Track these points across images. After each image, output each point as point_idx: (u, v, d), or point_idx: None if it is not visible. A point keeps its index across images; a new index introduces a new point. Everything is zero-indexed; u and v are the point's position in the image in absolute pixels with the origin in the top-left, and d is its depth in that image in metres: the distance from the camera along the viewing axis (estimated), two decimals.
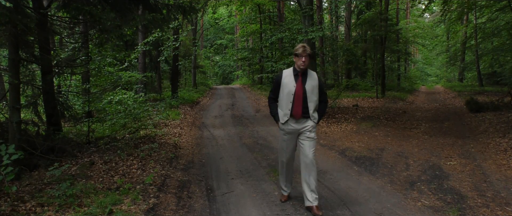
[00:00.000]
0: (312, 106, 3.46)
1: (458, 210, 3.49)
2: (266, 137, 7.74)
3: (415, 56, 37.15)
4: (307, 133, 3.50)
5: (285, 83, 3.50)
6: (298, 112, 3.44)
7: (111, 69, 8.32)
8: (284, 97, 3.49)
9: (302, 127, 3.49)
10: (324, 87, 3.64)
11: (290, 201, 3.81)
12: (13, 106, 4.78)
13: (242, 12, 24.98)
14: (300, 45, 3.45)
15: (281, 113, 3.55)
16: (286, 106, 3.48)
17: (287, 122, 3.50)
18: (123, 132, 7.40)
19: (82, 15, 6.22)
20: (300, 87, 3.43)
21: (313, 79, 3.49)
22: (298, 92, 3.42)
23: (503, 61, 19.33)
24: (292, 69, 3.54)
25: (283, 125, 3.54)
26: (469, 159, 5.40)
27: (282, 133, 3.61)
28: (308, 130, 3.49)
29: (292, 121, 3.48)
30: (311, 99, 3.45)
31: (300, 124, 3.49)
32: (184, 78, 23.50)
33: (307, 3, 11.02)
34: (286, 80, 3.50)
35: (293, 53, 3.47)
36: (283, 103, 3.51)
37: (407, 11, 29.66)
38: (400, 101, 14.32)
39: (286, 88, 3.47)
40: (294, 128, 3.51)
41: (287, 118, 3.48)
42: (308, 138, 3.50)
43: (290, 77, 3.49)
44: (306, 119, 3.48)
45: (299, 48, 3.41)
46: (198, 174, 5.02)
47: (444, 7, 14.56)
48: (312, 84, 3.46)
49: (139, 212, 3.48)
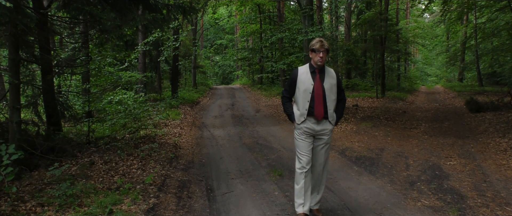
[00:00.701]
0: (332, 106, 3.21)
1: (458, 210, 3.49)
2: (266, 137, 7.74)
3: (415, 56, 37.14)
4: (324, 138, 3.24)
5: (301, 81, 3.21)
6: (320, 112, 3.15)
7: (111, 69, 8.32)
8: (300, 96, 3.21)
9: (321, 130, 3.22)
10: (342, 85, 3.39)
11: (290, 201, 3.81)
12: (13, 106, 4.78)
13: (242, 12, 24.98)
14: (317, 39, 3.16)
15: (298, 113, 3.26)
16: (303, 105, 3.19)
17: (305, 122, 3.21)
18: (123, 132, 7.40)
19: (82, 15, 6.22)
20: (319, 85, 3.15)
21: (331, 77, 3.23)
22: (317, 90, 3.15)
23: (503, 61, 19.34)
24: (308, 65, 3.26)
25: (300, 125, 3.24)
26: (469, 159, 5.40)
27: (298, 133, 3.28)
28: (326, 134, 3.23)
29: (311, 121, 3.19)
30: (330, 98, 3.18)
31: (320, 126, 3.21)
32: (184, 78, 23.50)
33: (307, 3, 11.02)
34: (302, 77, 3.22)
35: (309, 48, 3.21)
36: (300, 102, 3.22)
37: (407, 11, 29.66)
38: (400, 101, 14.33)
39: (303, 86, 3.19)
40: (313, 129, 3.21)
41: (304, 118, 3.20)
42: (324, 144, 3.25)
43: (306, 74, 3.21)
44: (325, 120, 3.21)
45: (316, 43, 3.13)
46: (198, 174, 5.02)
47: (444, 7, 14.57)
48: (331, 82, 3.20)
49: (139, 212, 3.48)
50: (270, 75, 22.72)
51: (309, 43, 3.56)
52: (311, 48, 3.17)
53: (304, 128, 3.22)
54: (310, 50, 3.18)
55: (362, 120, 9.39)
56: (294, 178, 3.36)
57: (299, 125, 3.25)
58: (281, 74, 19.02)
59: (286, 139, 7.42)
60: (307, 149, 3.23)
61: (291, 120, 3.33)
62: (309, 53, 3.21)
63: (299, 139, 3.27)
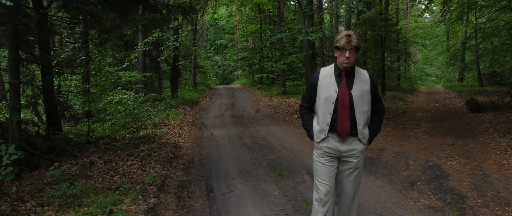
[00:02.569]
0: (362, 120, 2.48)
1: (458, 210, 3.49)
2: (266, 137, 7.74)
3: (415, 56, 37.13)
4: (352, 161, 2.53)
5: (323, 86, 2.52)
6: (346, 127, 2.46)
7: (111, 69, 8.31)
8: (321, 106, 2.52)
9: (348, 150, 2.51)
10: (378, 92, 2.65)
11: (290, 201, 3.81)
12: (13, 106, 4.78)
13: (242, 12, 24.99)
14: (343, 33, 2.44)
15: (317, 128, 2.57)
16: (324, 118, 2.51)
17: (326, 140, 2.53)
18: (123, 132, 7.40)
19: (82, 15, 6.21)
20: (346, 92, 2.46)
21: (363, 82, 2.50)
22: (342, 99, 2.45)
23: (503, 61, 19.33)
24: (333, 67, 2.56)
25: (320, 143, 2.56)
26: (469, 159, 5.40)
27: (317, 154, 2.60)
28: (355, 155, 2.52)
29: (334, 139, 2.51)
30: (360, 109, 2.46)
31: (346, 145, 2.51)
32: (184, 78, 23.50)
33: (307, 3, 11.02)
34: (324, 81, 2.53)
35: (334, 45, 2.50)
36: (320, 114, 2.53)
37: (407, 11, 29.65)
38: (400, 101, 14.32)
39: (324, 93, 2.51)
40: (336, 149, 2.52)
41: (324, 136, 2.52)
42: (353, 169, 2.54)
43: (330, 78, 2.53)
44: (354, 138, 2.51)
45: (341, 39, 2.42)
46: (198, 174, 5.02)
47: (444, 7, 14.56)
48: (362, 88, 2.48)
49: (139, 212, 3.48)
50: (270, 75, 22.72)
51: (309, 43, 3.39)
52: (336, 45, 2.47)
53: (324, 148, 2.54)
54: (334, 47, 2.49)
55: None
56: (311, 211, 2.66)
57: (319, 144, 2.57)
58: (281, 74, 19.02)
59: (286, 139, 7.42)
60: (328, 175, 2.55)
61: (310, 137, 2.68)
62: (334, 51, 2.52)
63: (318, 163, 2.60)
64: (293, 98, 15.77)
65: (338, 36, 2.46)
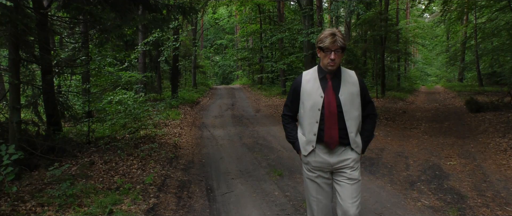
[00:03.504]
0: (354, 127, 2.21)
1: (458, 210, 3.49)
2: (266, 137, 7.74)
3: (415, 56, 37.13)
4: (346, 172, 2.22)
5: (307, 92, 2.23)
6: (334, 136, 2.18)
7: (111, 69, 8.32)
8: (306, 114, 2.22)
9: (339, 161, 2.22)
10: (368, 93, 2.34)
11: (290, 201, 3.81)
12: (13, 106, 4.78)
13: (242, 12, 25.00)
14: (327, 32, 2.13)
15: (303, 140, 2.27)
16: (310, 128, 2.21)
17: (314, 153, 2.24)
18: (123, 132, 7.40)
19: (82, 15, 6.22)
20: (332, 97, 2.18)
21: (351, 83, 2.22)
22: (328, 105, 2.17)
23: (503, 61, 19.33)
24: (317, 69, 2.27)
25: (307, 157, 2.27)
26: (469, 159, 5.40)
27: (306, 169, 2.31)
28: (349, 166, 2.22)
29: (322, 151, 2.22)
30: (350, 114, 2.18)
31: (336, 156, 2.22)
32: (184, 78, 23.51)
33: (307, 3, 11.03)
34: (308, 86, 2.23)
35: (317, 46, 2.19)
36: (306, 123, 2.24)
37: (407, 11, 29.66)
38: (400, 101, 14.33)
39: (310, 100, 2.21)
40: (326, 162, 2.23)
41: (312, 148, 2.23)
42: (349, 180, 2.21)
43: (314, 82, 2.23)
44: (344, 148, 2.22)
45: (325, 38, 2.12)
46: (198, 174, 5.02)
47: (444, 7, 14.58)
48: (350, 90, 2.20)
49: (139, 212, 3.48)
50: (270, 75, 22.73)
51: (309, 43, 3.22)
52: (319, 46, 2.17)
53: (313, 163, 2.25)
54: (318, 48, 2.19)
55: None
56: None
57: (306, 158, 2.27)
58: (281, 74, 19.03)
59: (286, 139, 7.41)
60: (322, 191, 2.27)
61: (296, 150, 2.37)
62: (317, 52, 2.23)
63: (308, 179, 2.30)
64: None
65: (321, 35, 2.16)
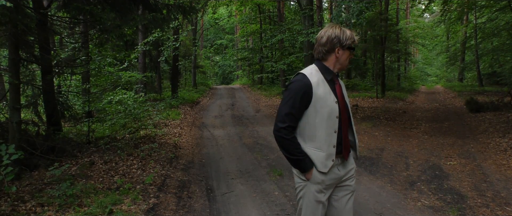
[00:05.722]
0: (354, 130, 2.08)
1: (458, 210, 3.49)
2: (266, 137, 7.74)
3: (415, 56, 37.15)
4: (350, 184, 2.05)
5: (321, 97, 1.90)
6: (348, 145, 2.01)
7: (111, 69, 8.32)
8: (322, 124, 1.91)
9: (346, 172, 2.03)
10: None
11: (290, 201, 3.81)
12: (13, 106, 4.78)
13: (242, 12, 25.00)
14: (350, 31, 1.97)
15: (321, 155, 1.91)
16: (329, 139, 1.92)
17: (333, 169, 1.96)
18: (123, 132, 7.40)
19: (82, 15, 6.22)
20: (342, 101, 1.99)
21: (342, 84, 2.10)
22: (343, 110, 1.98)
23: (503, 61, 19.33)
24: (319, 70, 1.98)
25: (326, 175, 1.93)
26: (469, 159, 5.40)
27: (316, 190, 1.95)
28: (352, 176, 2.06)
29: (338, 164, 1.99)
30: (352, 118, 2.07)
31: (345, 167, 2.03)
32: (184, 78, 23.51)
33: (307, 3, 11.03)
34: (319, 90, 1.91)
35: (345, 45, 1.95)
36: (321, 134, 1.91)
37: (407, 11, 29.66)
38: (400, 101, 14.32)
39: (326, 107, 1.91)
40: (338, 177, 1.99)
41: (332, 163, 1.93)
42: (351, 193, 2.06)
43: (323, 85, 1.94)
44: (350, 156, 2.07)
45: (352, 36, 1.96)
46: (198, 174, 5.02)
47: (444, 7, 14.57)
48: (345, 91, 2.09)
49: (139, 212, 3.48)
50: (270, 75, 22.73)
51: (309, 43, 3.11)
52: (348, 44, 1.95)
53: (327, 181, 1.95)
54: (347, 48, 1.96)
55: (362, 120, 9.39)
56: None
57: (322, 177, 1.93)
58: (281, 74, 19.03)
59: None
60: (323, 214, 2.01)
61: (306, 168, 1.92)
62: (336, 52, 1.96)
63: (315, 202, 1.96)
64: None
65: (346, 33, 1.95)
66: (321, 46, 1.97)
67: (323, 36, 1.97)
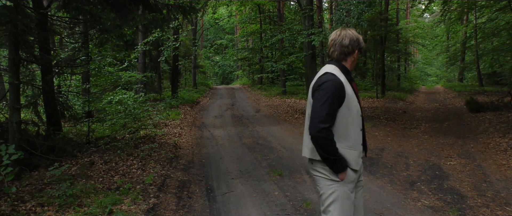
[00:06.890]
0: None
1: (458, 210, 3.49)
2: (266, 137, 7.74)
3: (415, 56, 37.14)
4: (361, 179, 2.14)
5: (351, 97, 1.96)
6: (366, 144, 2.14)
7: (111, 69, 8.32)
8: (353, 122, 1.96)
9: (361, 169, 2.13)
10: None
11: (290, 201, 3.81)
12: (13, 106, 4.78)
13: (242, 12, 24.99)
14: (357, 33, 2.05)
15: (354, 154, 1.97)
16: (358, 137, 1.99)
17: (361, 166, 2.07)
18: (123, 132, 7.40)
19: (82, 15, 6.23)
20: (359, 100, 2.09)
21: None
22: (361, 109, 2.09)
23: (503, 61, 19.32)
24: (340, 70, 2.01)
25: (355, 174, 1.99)
26: (469, 159, 5.40)
27: (349, 189, 1.97)
28: (362, 172, 2.15)
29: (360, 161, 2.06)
30: None
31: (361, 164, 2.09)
32: (184, 78, 23.50)
33: (307, 3, 11.03)
34: (349, 90, 1.97)
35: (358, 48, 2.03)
36: (353, 133, 1.96)
37: (407, 11, 29.66)
38: (400, 101, 14.32)
39: (354, 105, 1.97)
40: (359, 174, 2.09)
41: (361, 160, 2.05)
42: (361, 187, 2.14)
43: (347, 84, 1.97)
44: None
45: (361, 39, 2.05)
46: (198, 174, 5.02)
47: (444, 7, 14.57)
48: None
49: (139, 212, 3.48)
50: (270, 75, 22.73)
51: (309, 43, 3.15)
52: (359, 47, 2.03)
53: (354, 177, 1.99)
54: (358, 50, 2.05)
55: None
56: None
57: (355, 175, 1.99)
58: (281, 74, 19.03)
59: (286, 139, 7.41)
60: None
61: (342, 168, 1.93)
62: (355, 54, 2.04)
63: (349, 202, 1.97)
64: (293, 98, 15.76)
65: (354, 36, 2.02)
66: (343, 47, 2.00)
67: (344, 37, 2.00)
